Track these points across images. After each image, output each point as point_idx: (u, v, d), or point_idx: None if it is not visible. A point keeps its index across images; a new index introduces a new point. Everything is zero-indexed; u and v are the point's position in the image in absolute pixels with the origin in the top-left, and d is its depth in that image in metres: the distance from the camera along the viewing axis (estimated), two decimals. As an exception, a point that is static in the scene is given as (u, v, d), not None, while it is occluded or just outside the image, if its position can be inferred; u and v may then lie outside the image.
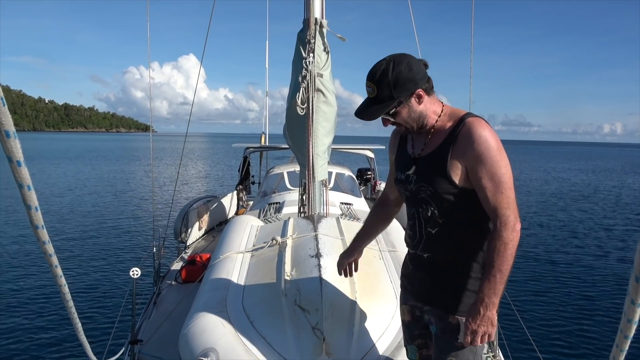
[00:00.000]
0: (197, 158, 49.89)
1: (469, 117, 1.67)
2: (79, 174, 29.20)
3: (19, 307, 7.03)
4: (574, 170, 39.35)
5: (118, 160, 42.16)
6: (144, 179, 25.97)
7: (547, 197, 21.27)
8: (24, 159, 0.98)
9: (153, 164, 7.30)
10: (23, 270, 8.82)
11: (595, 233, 12.75)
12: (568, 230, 13.08)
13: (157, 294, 3.86)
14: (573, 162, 55.66)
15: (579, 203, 19.11)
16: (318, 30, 3.50)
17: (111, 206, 16.86)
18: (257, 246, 2.97)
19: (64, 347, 5.67)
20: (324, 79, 3.51)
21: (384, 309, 2.28)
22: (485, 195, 1.60)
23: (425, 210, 1.73)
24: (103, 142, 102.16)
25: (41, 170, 30.00)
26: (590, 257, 10.15)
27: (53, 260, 1.31)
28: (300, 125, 3.59)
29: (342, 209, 4.98)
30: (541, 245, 11.03)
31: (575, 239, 11.97)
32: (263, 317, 2.19)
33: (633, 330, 1.03)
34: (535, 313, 6.83)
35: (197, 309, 2.40)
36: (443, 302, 1.73)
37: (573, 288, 8.12)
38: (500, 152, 1.60)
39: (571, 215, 15.60)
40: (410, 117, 1.70)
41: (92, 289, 7.84)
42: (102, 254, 10.11)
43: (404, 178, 1.80)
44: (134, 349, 2.71)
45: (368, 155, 8.49)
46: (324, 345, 1.97)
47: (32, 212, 1.10)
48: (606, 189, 25.49)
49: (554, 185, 27.11)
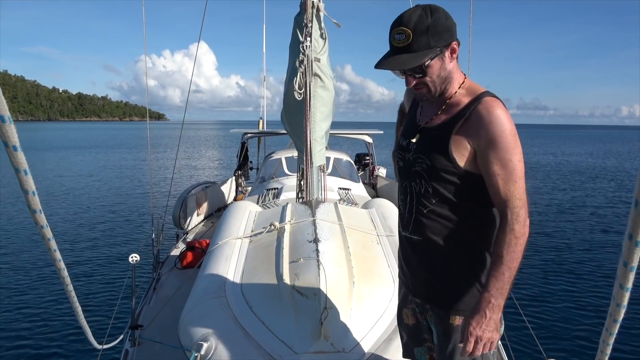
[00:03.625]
0: (202, 144, 49.98)
1: (487, 95, 1.52)
2: (87, 161, 29.35)
3: (18, 291, 7.07)
4: (584, 154, 39.23)
5: (131, 149, 41.84)
6: (147, 166, 26.01)
7: (553, 180, 21.19)
8: (19, 144, 0.98)
9: (150, 152, 7.35)
10: (23, 255, 8.86)
11: (602, 219, 12.73)
12: (572, 217, 13.07)
13: (157, 280, 3.89)
14: (586, 146, 54.84)
15: (584, 190, 18.97)
16: (315, 14, 3.47)
17: (111, 192, 16.87)
18: (255, 232, 2.98)
19: (65, 332, 5.71)
20: (321, 64, 3.49)
21: (382, 293, 2.30)
22: (495, 182, 1.46)
23: (418, 185, 1.60)
24: (118, 130, 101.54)
25: (43, 159, 29.99)
26: (588, 247, 10.17)
27: (52, 245, 1.33)
28: (297, 110, 3.58)
29: (340, 194, 4.99)
30: (543, 234, 11.05)
31: (577, 223, 11.97)
32: (262, 302, 2.20)
33: (622, 314, 1.04)
34: (538, 308, 6.77)
35: (196, 294, 2.42)
36: (441, 298, 1.62)
37: (574, 277, 8.15)
38: (515, 139, 1.46)
39: (576, 203, 15.53)
40: (440, 76, 1.52)
41: (92, 275, 7.87)
42: (102, 240, 10.13)
43: (404, 144, 1.67)
44: (134, 333, 2.73)
45: (366, 140, 8.47)
46: (322, 329, 1.99)
47: (29, 197, 1.11)
48: (612, 172, 25.29)
49: (561, 168, 26.94)
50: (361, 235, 2.84)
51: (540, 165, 28.92)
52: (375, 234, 2.95)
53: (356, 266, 2.37)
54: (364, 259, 2.49)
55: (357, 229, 2.89)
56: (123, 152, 37.56)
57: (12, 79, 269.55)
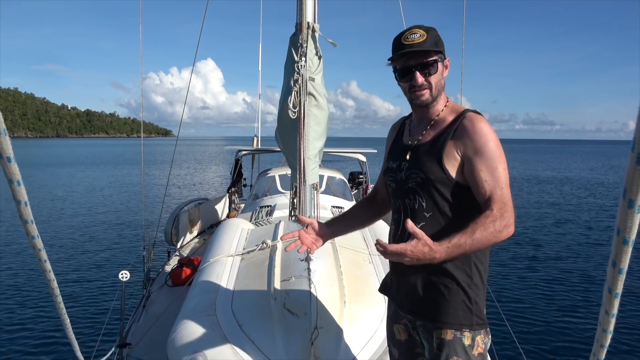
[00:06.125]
0: (207, 160, 50.14)
1: (469, 111, 1.65)
2: (87, 177, 29.50)
3: (6, 304, 6.98)
4: (585, 169, 39.49)
5: (133, 165, 41.77)
6: (141, 182, 26.15)
7: (552, 195, 21.25)
8: (13, 155, 1.01)
9: (143, 167, 7.35)
10: (13, 267, 8.77)
11: (600, 233, 12.82)
12: (561, 228, 13.16)
13: (147, 297, 3.85)
14: (591, 161, 55.37)
15: (577, 205, 19.08)
16: (310, 35, 3.52)
17: (106, 208, 16.85)
18: (247, 249, 2.97)
19: (52, 347, 5.62)
20: (315, 83, 3.52)
21: (373, 312, 2.29)
22: (483, 187, 1.52)
23: (412, 201, 1.65)
24: (124, 147, 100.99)
25: (44, 174, 29.82)
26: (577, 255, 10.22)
27: (42, 255, 1.34)
28: (291, 128, 3.60)
29: (333, 213, 4.99)
30: (533, 245, 11.11)
31: (568, 237, 12.05)
32: (252, 321, 2.19)
33: (609, 339, 1.05)
34: (524, 317, 6.84)
35: (186, 312, 2.39)
36: (432, 313, 1.63)
37: (561, 287, 8.19)
38: (500, 149, 1.56)
39: (566, 217, 15.62)
40: (439, 82, 1.67)
41: (81, 291, 7.77)
42: (93, 256, 10.04)
43: (395, 166, 1.74)
44: (123, 352, 2.69)
45: (360, 159, 8.51)
46: (313, 349, 1.97)
47: (21, 207, 1.14)
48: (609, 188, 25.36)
49: (558, 185, 27.10)
50: (353, 254, 2.84)
51: (539, 180, 29.14)
52: (367, 253, 2.95)
53: (348, 285, 2.36)
54: (355, 278, 2.49)
55: (349, 248, 2.88)
56: (126, 169, 37.60)
57: (22, 97, 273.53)
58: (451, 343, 1.59)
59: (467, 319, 1.61)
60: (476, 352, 1.62)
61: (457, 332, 1.60)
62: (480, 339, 1.63)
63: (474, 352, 1.61)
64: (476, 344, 1.62)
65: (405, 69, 1.65)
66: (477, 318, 1.62)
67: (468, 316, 1.61)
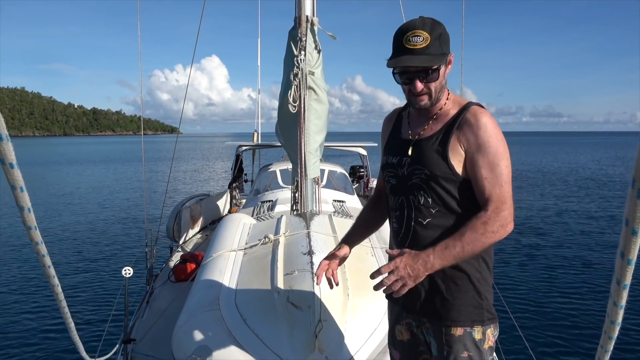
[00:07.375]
0: (212, 157, 50.13)
1: (473, 104, 1.59)
2: (91, 175, 29.51)
3: (11, 306, 6.99)
4: (593, 161, 39.30)
5: (137, 162, 41.67)
6: (150, 178, 26.13)
7: (559, 188, 21.12)
8: (16, 160, 0.99)
9: (144, 164, 7.35)
10: (16, 270, 8.77)
11: (597, 228, 12.72)
12: (568, 224, 13.08)
13: (150, 293, 3.86)
14: (599, 153, 54.96)
15: (583, 197, 18.92)
16: (309, 28, 3.51)
17: (109, 204, 16.85)
18: (249, 244, 2.97)
19: (57, 346, 5.64)
20: (315, 77, 3.51)
21: (376, 305, 2.30)
22: (482, 185, 1.49)
23: (416, 197, 1.59)
24: (132, 144, 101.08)
25: (47, 173, 29.84)
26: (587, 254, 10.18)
27: (46, 261, 1.32)
28: (292, 123, 3.60)
29: (334, 207, 4.99)
30: (537, 241, 11.07)
31: (575, 236, 11.96)
32: (256, 315, 2.19)
33: (616, 331, 1.04)
34: (532, 316, 6.77)
35: (190, 307, 2.40)
36: (441, 310, 1.59)
37: (568, 284, 8.16)
38: (503, 145, 1.52)
39: (572, 212, 15.51)
40: (440, 83, 1.57)
41: (85, 288, 7.79)
42: (96, 253, 10.06)
43: (395, 162, 1.66)
44: (127, 348, 2.70)
45: (361, 152, 8.50)
46: (317, 342, 1.98)
47: (25, 214, 1.12)
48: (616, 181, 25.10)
49: (568, 175, 26.86)
50: (355, 248, 2.84)
51: (545, 173, 29.02)
52: (369, 246, 2.95)
53: (351, 279, 2.37)
54: (358, 271, 2.49)
55: None
56: (131, 166, 37.56)
57: (29, 96, 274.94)
58: (462, 338, 1.57)
59: (478, 315, 1.58)
60: (487, 346, 1.60)
61: (468, 327, 1.57)
62: (490, 333, 1.60)
63: (485, 346, 1.59)
64: (487, 338, 1.59)
65: (405, 73, 1.57)
66: (487, 313, 1.60)
67: (479, 312, 1.58)
